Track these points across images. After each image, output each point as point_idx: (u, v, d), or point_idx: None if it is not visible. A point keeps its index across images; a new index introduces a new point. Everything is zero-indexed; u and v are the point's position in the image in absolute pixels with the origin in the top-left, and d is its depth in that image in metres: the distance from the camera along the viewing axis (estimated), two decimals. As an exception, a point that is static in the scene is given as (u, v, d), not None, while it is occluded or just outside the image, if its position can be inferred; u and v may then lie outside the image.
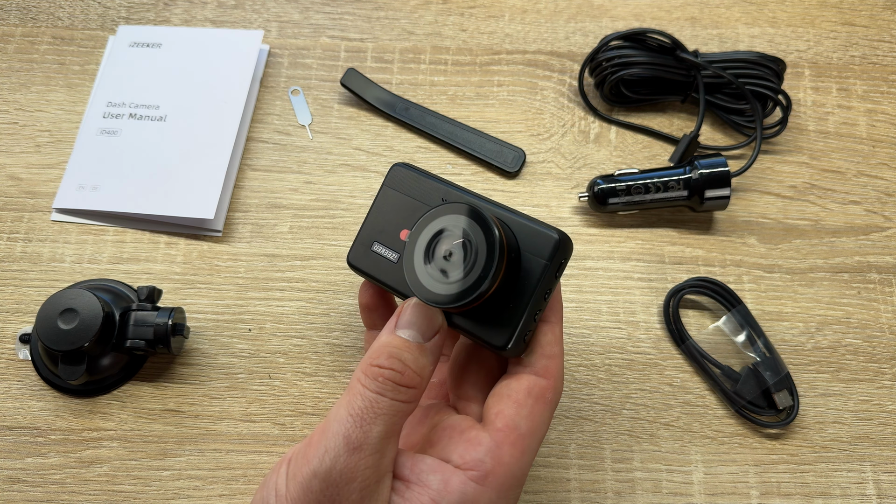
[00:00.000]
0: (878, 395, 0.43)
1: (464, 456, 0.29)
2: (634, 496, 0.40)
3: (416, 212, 0.33)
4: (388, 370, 0.28)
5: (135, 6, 0.54)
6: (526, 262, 0.30)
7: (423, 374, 0.29)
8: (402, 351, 0.29)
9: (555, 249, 0.30)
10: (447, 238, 0.30)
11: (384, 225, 0.34)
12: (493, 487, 0.28)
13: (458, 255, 0.29)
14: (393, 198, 0.34)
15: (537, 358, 0.31)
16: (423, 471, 0.29)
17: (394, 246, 0.33)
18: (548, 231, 0.30)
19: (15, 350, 0.43)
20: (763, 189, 0.49)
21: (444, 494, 0.28)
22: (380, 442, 0.27)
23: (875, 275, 0.47)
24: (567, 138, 0.51)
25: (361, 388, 0.28)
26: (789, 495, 0.41)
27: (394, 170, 0.35)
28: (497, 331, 0.30)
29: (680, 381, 0.43)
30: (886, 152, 0.51)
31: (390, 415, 0.27)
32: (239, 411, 0.42)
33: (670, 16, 0.55)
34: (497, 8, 0.55)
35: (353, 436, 0.27)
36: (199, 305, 0.44)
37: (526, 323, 0.30)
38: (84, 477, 0.40)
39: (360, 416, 0.27)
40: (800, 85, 0.53)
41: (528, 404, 0.30)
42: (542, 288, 0.30)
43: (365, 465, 0.27)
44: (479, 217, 0.29)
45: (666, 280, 0.46)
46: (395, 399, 0.28)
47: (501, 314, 0.30)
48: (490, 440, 0.29)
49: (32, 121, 0.50)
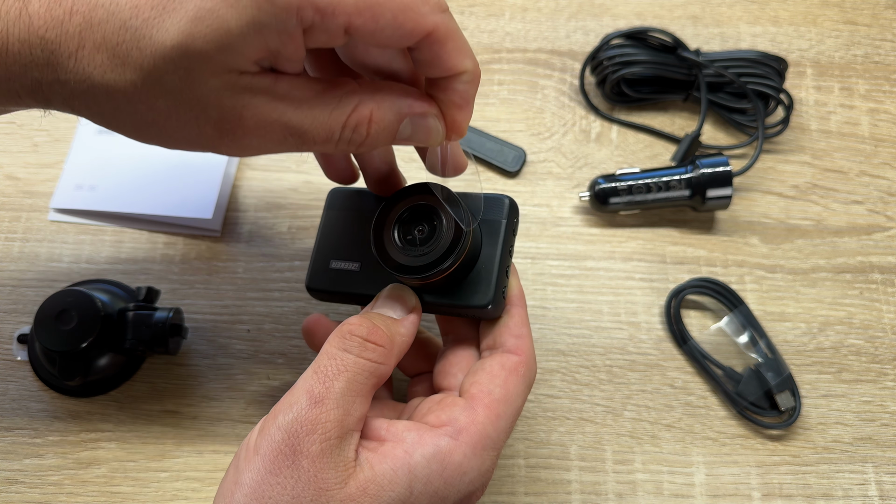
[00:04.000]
0: (881, 395, 0.43)
1: (439, 416, 0.30)
2: (636, 498, 0.40)
3: (365, 219, 0.34)
4: (356, 326, 0.29)
5: None
6: (485, 225, 0.33)
7: (394, 339, 0.30)
8: (373, 317, 0.30)
9: (509, 209, 0.33)
10: (414, 215, 0.32)
11: (336, 243, 0.36)
12: (467, 444, 0.29)
13: (427, 232, 0.32)
14: (336, 218, 0.36)
15: (507, 338, 0.33)
16: (398, 430, 0.30)
17: (351, 257, 0.35)
18: (499, 196, 0.34)
19: (13, 351, 0.42)
20: (765, 189, 0.49)
21: (416, 446, 0.29)
22: (343, 397, 0.28)
23: (877, 275, 0.46)
24: (568, 137, 0.50)
25: (328, 347, 0.29)
26: (791, 496, 0.40)
27: (331, 194, 0.37)
28: (477, 293, 0.32)
29: (682, 382, 0.43)
30: (889, 152, 0.50)
31: (355, 371, 0.28)
32: (237, 412, 0.42)
33: (672, 14, 0.55)
34: (497, 6, 0.55)
35: (316, 390, 0.28)
36: (198, 306, 0.44)
37: (500, 278, 0.32)
38: (82, 478, 0.40)
39: (324, 371, 0.28)
40: (802, 84, 0.52)
41: (501, 375, 0.31)
42: (506, 244, 0.33)
43: (326, 419, 0.28)
44: (436, 189, 0.31)
45: (667, 280, 0.46)
46: (361, 356, 0.29)
47: (475, 278, 0.32)
48: (464, 402, 0.31)
49: (30, 120, 0.50)
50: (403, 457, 0.28)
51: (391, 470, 0.28)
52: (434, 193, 0.31)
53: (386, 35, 0.27)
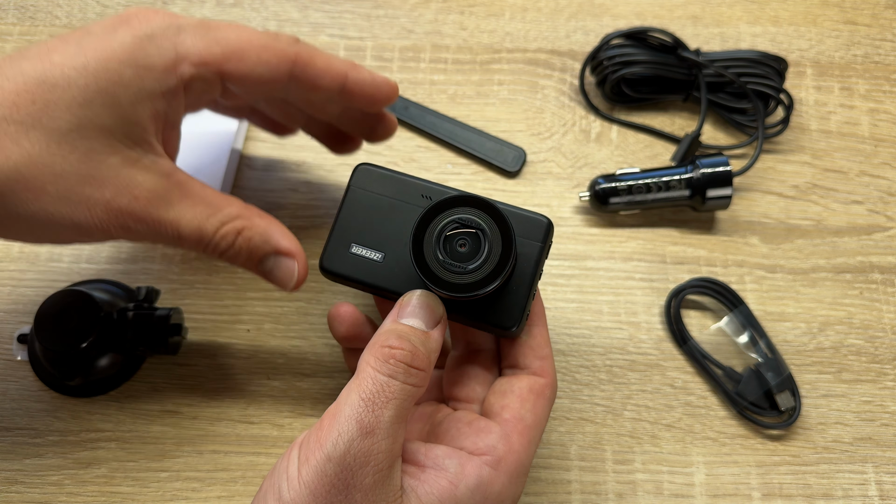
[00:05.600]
0: (881, 395, 0.43)
1: (476, 443, 0.30)
2: (636, 498, 0.40)
3: (397, 210, 0.33)
4: (399, 350, 0.28)
5: (133, 4, 0.54)
6: (521, 247, 0.32)
7: (431, 359, 0.30)
8: (410, 335, 0.29)
9: (546, 232, 0.32)
10: (459, 230, 0.30)
11: (361, 226, 0.33)
12: (506, 473, 0.30)
13: (471, 247, 0.30)
14: (365, 198, 0.34)
15: (532, 360, 0.33)
16: (438, 456, 0.29)
17: (376, 246, 0.33)
18: (537, 216, 0.32)
19: (13, 351, 0.42)
20: (765, 189, 0.49)
21: (461, 478, 0.29)
22: (392, 426, 0.27)
23: (877, 275, 0.46)
24: (568, 137, 0.50)
25: (373, 372, 0.28)
26: (791, 496, 0.40)
27: (360, 170, 0.34)
28: (504, 314, 0.32)
29: (681, 382, 0.43)
30: (889, 152, 0.50)
31: (401, 398, 0.28)
32: (237, 412, 0.42)
33: (672, 14, 0.55)
34: (497, 6, 0.55)
35: (366, 420, 0.27)
36: (198, 306, 0.44)
37: (529, 302, 0.32)
38: (82, 478, 0.40)
39: (372, 399, 0.27)
40: (802, 84, 0.52)
41: (530, 399, 0.31)
42: (539, 267, 0.32)
43: (378, 449, 0.27)
44: (490, 208, 0.30)
45: (667, 280, 0.46)
46: (406, 382, 0.28)
47: (504, 297, 0.32)
48: (500, 429, 0.30)
49: (30, 120, 0.50)
50: (449, 488, 0.28)
51: (438, 501, 0.28)
52: (485, 208, 0.30)
53: (257, 73, 0.31)
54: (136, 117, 0.29)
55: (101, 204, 0.29)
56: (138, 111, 0.29)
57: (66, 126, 0.28)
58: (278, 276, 0.34)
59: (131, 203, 0.30)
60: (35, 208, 0.28)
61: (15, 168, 0.28)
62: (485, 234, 0.30)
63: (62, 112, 0.28)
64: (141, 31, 0.30)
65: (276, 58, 0.32)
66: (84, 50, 0.29)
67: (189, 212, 0.31)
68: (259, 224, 0.33)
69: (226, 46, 0.31)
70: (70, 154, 0.28)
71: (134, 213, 0.30)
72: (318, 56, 0.33)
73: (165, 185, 0.31)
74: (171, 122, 0.32)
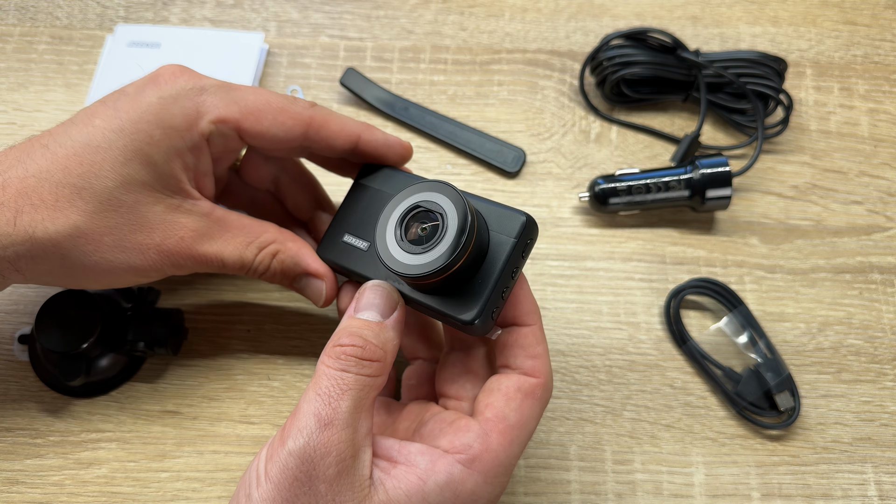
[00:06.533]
0: (880, 396, 0.43)
1: (452, 441, 0.30)
2: (635, 498, 0.40)
3: (384, 201, 0.34)
4: (350, 346, 0.29)
5: (133, 5, 0.54)
6: (494, 241, 0.31)
7: (386, 348, 0.30)
8: (363, 329, 0.30)
9: (522, 227, 0.31)
10: (420, 212, 0.31)
11: (355, 217, 0.36)
12: (480, 471, 0.29)
13: (430, 231, 0.30)
14: (364, 192, 0.36)
15: (523, 360, 0.32)
16: (411, 453, 0.30)
17: (365, 235, 0.35)
18: (516, 213, 0.32)
19: (14, 351, 0.43)
20: (765, 189, 0.49)
21: (430, 474, 0.29)
22: (350, 416, 0.28)
23: (877, 275, 0.46)
24: (568, 138, 0.50)
25: (325, 369, 0.29)
26: (791, 497, 0.40)
27: (365, 166, 0.37)
28: (464, 306, 0.31)
29: (681, 383, 0.43)
30: (888, 152, 0.50)
31: (356, 389, 0.29)
32: (238, 413, 0.42)
33: (671, 15, 0.55)
34: (497, 7, 0.55)
35: (323, 412, 0.28)
36: (198, 306, 0.44)
37: (493, 298, 0.31)
38: (83, 479, 0.40)
39: (328, 393, 0.28)
40: (801, 84, 0.53)
41: (517, 398, 0.31)
42: (509, 265, 0.31)
43: (338, 440, 0.28)
44: (450, 192, 0.30)
45: (667, 281, 0.46)
46: (360, 374, 0.29)
47: (469, 291, 0.31)
48: (479, 427, 0.30)
49: (31, 121, 0.50)
50: (418, 483, 0.28)
51: (405, 496, 0.28)
52: (448, 193, 0.30)
53: (272, 133, 0.34)
54: (171, 171, 0.33)
55: (153, 247, 0.33)
56: (171, 166, 0.33)
57: (112, 184, 0.32)
58: (309, 294, 0.37)
59: (179, 243, 0.34)
60: (97, 258, 0.32)
61: (75, 226, 0.31)
62: (444, 219, 0.30)
63: (107, 172, 0.32)
64: (167, 92, 0.33)
65: (292, 120, 0.35)
66: (119, 112, 0.33)
67: (230, 243, 0.35)
68: (291, 248, 0.36)
69: (244, 107, 0.34)
70: (119, 207, 0.32)
71: (182, 252, 0.34)
72: (332, 119, 0.35)
73: (206, 224, 0.34)
74: (203, 171, 0.35)
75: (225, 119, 0.34)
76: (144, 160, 0.32)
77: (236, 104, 0.34)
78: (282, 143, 0.35)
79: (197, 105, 0.33)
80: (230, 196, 0.41)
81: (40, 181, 0.31)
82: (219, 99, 0.34)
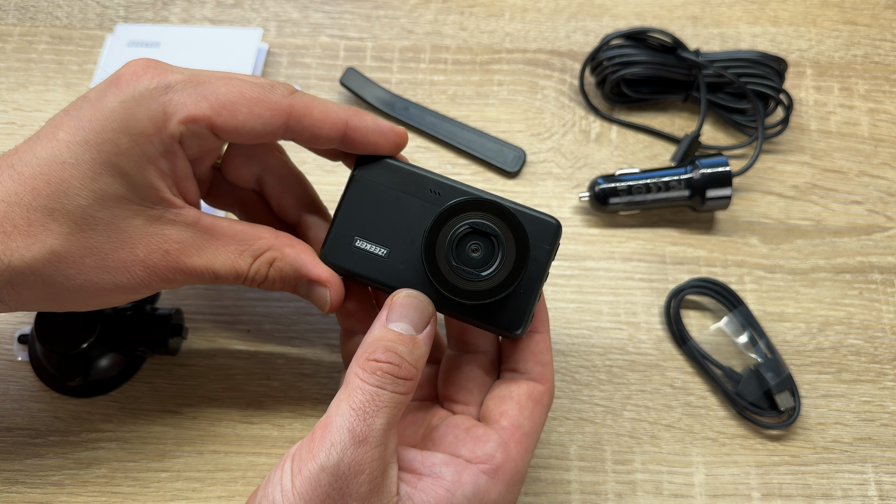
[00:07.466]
0: (880, 395, 0.43)
1: (474, 451, 0.30)
2: (635, 498, 0.40)
3: (404, 204, 0.32)
4: (386, 364, 0.29)
5: (133, 5, 0.54)
6: (531, 250, 0.31)
7: (419, 366, 0.30)
8: (397, 344, 0.29)
9: (555, 235, 0.32)
10: (473, 234, 0.30)
11: (364, 219, 0.33)
12: (503, 481, 0.30)
13: (484, 252, 0.30)
14: (369, 189, 0.33)
15: (533, 366, 0.33)
16: (434, 464, 0.30)
17: (382, 241, 0.32)
18: (546, 218, 0.32)
19: (13, 351, 0.42)
20: (765, 189, 0.49)
21: (458, 485, 0.29)
22: (383, 434, 0.28)
23: (877, 275, 0.46)
24: (568, 138, 0.50)
25: (361, 383, 0.28)
26: (791, 497, 0.40)
27: (361, 158, 0.34)
28: (510, 316, 0.31)
29: (681, 383, 0.43)
30: (889, 152, 0.50)
31: (391, 407, 0.28)
32: (237, 412, 0.42)
33: (672, 14, 0.55)
34: (497, 7, 0.55)
35: (358, 429, 0.27)
36: (198, 306, 0.44)
37: (534, 305, 0.32)
38: (82, 478, 0.40)
39: (363, 409, 0.28)
40: (801, 84, 0.53)
41: (529, 406, 0.32)
42: (546, 271, 0.32)
43: (371, 458, 0.27)
44: (505, 214, 0.30)
45: (667, 280, 0.46)
46: (395, 392, 0.28)
47: (512, 300, 0.31)
48: (498, 437, 0.31)
49: (31, 121, 0.50)
50: (446, 496, 0.28)
51: None
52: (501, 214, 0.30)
53: (250, 128, 0.31)
54: (146, 181, 0.30)
55: (138, 264, 0.31)
56: (145, 175, 0.30)
57: (85, 202, 0.30)
58: (313, 300, 0.35)
59: (164, 257, 0.31)
60: (80, 281, 0.30)
61: (51, 251, 0.29)
62: (499, 241, 0.30)
63: (78, 189, 0.29)
64: (129, 94, 0.30)
65: (270, 111, 0.31)
66: (82, 122, 0.30)
67: (221, 253, 0.32)
68: (289, 254, 0.33)
69: (214, 101, 0.31)
70: (96, 225, 0.30)
71: (169, 266, 0.31)
72: (315, 106, 0.32)
73: (192, 234, 0.32)
74: (182, 176, 0.32)
75: (195, 117, 0.30)
76: (115, 172, 0.30)
77: (206, 99, 0.31)
78: (261, 138, 0.32)
79: (163, 105, 0.30)
80: (217, 197, 0.38)
81: (10, 206, 0.29)
82: (186, 96, 0.30)
